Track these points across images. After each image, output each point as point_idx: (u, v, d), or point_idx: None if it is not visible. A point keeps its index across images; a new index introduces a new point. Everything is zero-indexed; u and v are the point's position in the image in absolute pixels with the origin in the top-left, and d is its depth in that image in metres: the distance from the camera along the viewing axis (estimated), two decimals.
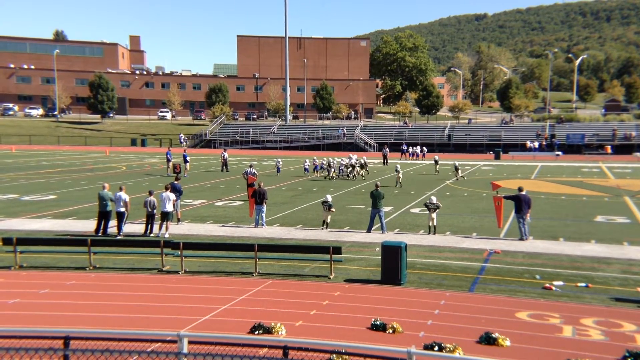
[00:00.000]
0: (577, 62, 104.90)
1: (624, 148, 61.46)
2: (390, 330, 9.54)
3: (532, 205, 17.55)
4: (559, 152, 59.45)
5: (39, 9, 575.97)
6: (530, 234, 17.54)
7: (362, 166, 36.00)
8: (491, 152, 60.21)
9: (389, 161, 47.60)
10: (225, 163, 38.86)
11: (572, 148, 62.77)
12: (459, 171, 35.29)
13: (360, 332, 9.60)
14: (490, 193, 25.13)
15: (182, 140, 71.72)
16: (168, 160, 36.84)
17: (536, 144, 62.86)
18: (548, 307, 10.96)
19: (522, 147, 62.54)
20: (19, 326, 9.76)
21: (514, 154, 58.79)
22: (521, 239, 17.08)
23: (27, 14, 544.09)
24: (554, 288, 12.23)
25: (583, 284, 12.53)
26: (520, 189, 17.70)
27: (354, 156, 37.53)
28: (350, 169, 35.33)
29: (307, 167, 37.90)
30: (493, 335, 9.15)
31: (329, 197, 19.01)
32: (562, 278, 13.03)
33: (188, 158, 37.08)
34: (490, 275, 13.35)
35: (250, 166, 27.15)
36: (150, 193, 17.85)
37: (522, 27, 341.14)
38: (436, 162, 38.37)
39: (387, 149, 49.86)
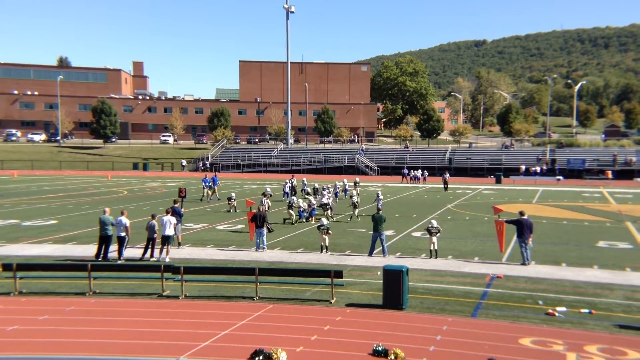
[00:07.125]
0: (577, 87, 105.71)
1: (624, 173, 61.52)
2: (392, 356, 9.43)
3: (534, 230, 17.51)
4: (560, 177, 59.48)
5: (44, 36, 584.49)
6: (533, 258, 17.46)
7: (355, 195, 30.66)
8: (492, 176, 60.27)
9: (449, 186, 45.24)
10: (293, 189, 36.42)
11: (573, 173, 62.83)
12: (357, 189, 32.12)
13: (362, 357, 9.49)
14: (491, 217, 25.08)
15: (183, 165, 73.04)
16: (214, 186, 36.43)
17: (538, 169, 62.92)
18: (551, 334, 10.86)
19: (525, 171, 62.48)
20: (17, 354, 9.67)
21: (515, 178, 58.78)
22: (523, 264, 16.99)
23: (32, 41, 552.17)
24: (557, 314, 12.13)
25: (586, 310, 12.42)
26: (521, 213, 17.68)
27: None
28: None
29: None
30: None
31: (325, 221, 19.11)
32: (565, 304, 12.92)
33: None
34: (492, 301, 13.25)
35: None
36: (153, 217, 17.94)
37: (521, 53, 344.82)
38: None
39: (448, 174, 48.17)
